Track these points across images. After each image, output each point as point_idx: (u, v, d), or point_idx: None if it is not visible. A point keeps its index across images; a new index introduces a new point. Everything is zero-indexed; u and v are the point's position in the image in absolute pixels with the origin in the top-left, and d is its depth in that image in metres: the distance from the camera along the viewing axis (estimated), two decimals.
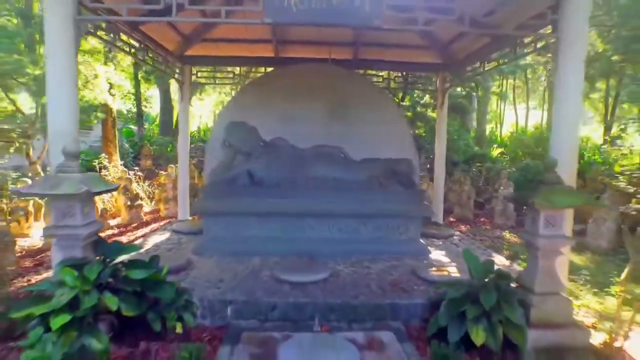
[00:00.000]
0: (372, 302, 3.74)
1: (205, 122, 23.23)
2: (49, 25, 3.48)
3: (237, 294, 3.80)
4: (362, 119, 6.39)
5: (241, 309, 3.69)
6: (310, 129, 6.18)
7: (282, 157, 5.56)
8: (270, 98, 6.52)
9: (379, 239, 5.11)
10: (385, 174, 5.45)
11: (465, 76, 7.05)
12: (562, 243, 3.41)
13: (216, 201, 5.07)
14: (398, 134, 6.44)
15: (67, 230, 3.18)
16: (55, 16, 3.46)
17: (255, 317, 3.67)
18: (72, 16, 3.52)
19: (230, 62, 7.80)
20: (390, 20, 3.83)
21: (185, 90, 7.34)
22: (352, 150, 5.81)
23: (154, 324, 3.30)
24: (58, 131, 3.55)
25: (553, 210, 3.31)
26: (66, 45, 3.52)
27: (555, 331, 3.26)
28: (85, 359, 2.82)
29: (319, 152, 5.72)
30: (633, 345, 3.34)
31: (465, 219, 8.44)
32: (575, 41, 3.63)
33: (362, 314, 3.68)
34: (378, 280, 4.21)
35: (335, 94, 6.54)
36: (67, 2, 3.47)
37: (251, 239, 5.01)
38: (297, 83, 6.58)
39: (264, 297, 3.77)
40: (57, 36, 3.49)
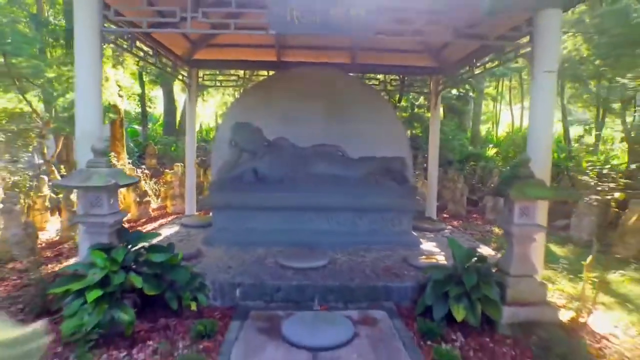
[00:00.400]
0: (367, 284, 4.16)
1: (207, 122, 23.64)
2: (78, 36, 3.90)
3: (244, 278, 4.22)
4: (359, 119, 6.80)
5: (248, 291, 4.10)
6: (311, 129, 6.59)
7: (284, 156, 5.98)
8: (272, 100, 6.93)
9: (374, 231, 5.53)
10: (381, 171, 5.87)
11: (457, 79, 7.46)
12: (535, 231, 3.82)
13: (224, 196, 5.49)
14: (393, 133, 6.85)
15: (95, 218, 3.60)
16: (83, 28, 3.87)
17: (261, 298, 4.08)
18: (98, 28, 3.94)
19: (235, 65, 8.21)
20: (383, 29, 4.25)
21: (192, 92, 7.76)
22: (350, 149, 6.23)
23: (172, 303, 3.72)
24: (85, 132, 3.97)
25: (526, 201, 3.73)
26: (92, 53, 3.94)
27: (527, 308, 3.68)
28: (115, 329, 3.25)
29: (318, 150, 6.14)
30: (596, 321, 3.76)
31: (458, 215, 8.86)
32: (548, 50, 4.05)
33: (358, 296, 4.10)
34: (372, 267, 4.63)
35: (334, 96, 6.95)
36: (93, 16, 3.88)
37: (256, 230, 5.43)
38: (298, 86, 6.99)
39: (269, 280, 4.18)
40: (84, 46, 3.91)
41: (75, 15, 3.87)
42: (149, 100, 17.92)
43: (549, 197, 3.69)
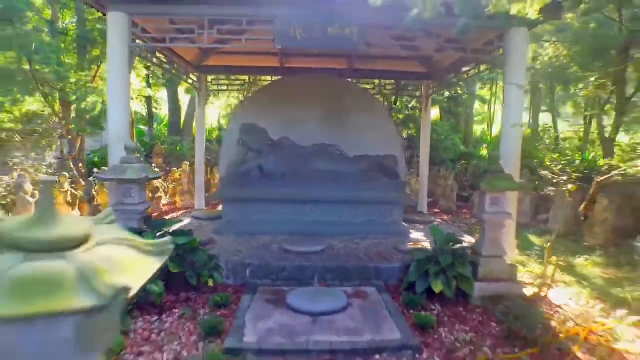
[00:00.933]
0: (360, 265, 4.79)
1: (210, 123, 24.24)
2: (110, 51, 4.53)
3: (253, 260, 4.85)
4: (355, 121, 7.42)
5: (257, 271, 4.73)
6: (311, 130, 7.20)
7: (287, 154, 6.61)
8: (276, 103, 7.54)
9: (368, 222, 6.15)
10: (374, 168, 6.50)
11: (446, 84, 8.08)
12: (504, 218, 4.45)
13: (233, 190, 6.12)
14: (386, 134, 7.46)
15: (128, 207, 4.23)
16: (115, 44, 4.50)
17: (268, 277, 4.71)
18: (128, 44, 4.56)
19: (241, 71, 8.84)
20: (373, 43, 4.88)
21: (202, 96, 8.39)
22: (346, 148, 6.86)
23: (192, 280, 4.35)
24: (116, 134, 4.60)
25: (496, 192, 4.36)
26: (122, 66, 4.57)
27: (497, 284, 4.30)
28: (147, 299, 3.88)
29: (318, 149, 6.77)
30: (555, 295, 4.39)
31: (449, 210, 9.48)
32: (516, 62, 4.67)
33: (352, 275, 4.72)
34: (365, 252, 5.26)
35: (332, 99, 7.56)
36: (124, 34, 4.51)
37: (262, 221, 6.06)
38: (299, 90, 7.59)
39: (275, 262, 4.81)
40: (116, 60, 4.54)
41: (108, 34, 4.50)
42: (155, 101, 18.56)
43: (514, 188, 4.32)
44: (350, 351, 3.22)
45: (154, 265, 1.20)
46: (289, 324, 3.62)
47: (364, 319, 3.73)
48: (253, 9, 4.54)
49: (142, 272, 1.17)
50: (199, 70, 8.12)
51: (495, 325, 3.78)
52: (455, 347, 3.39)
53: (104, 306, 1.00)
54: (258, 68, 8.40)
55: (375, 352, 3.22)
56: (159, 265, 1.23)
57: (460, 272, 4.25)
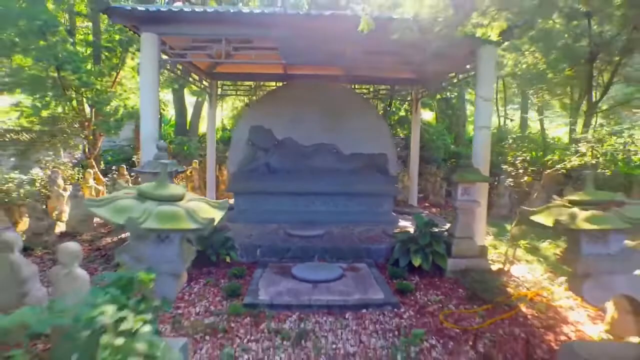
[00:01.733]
0: (353, 246, 5.66)
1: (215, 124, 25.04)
2: (142, 65, 5.40)
3: (262, 242, 5.72)
4: (351, 123, 8.28)
5: (266, 251, 5.59)
6: (311, 131, 8.06)
7: (290, 152, 7.48)
8: (280, 107, 8.39)
9: (362, 212, 7.02)
10: (367, 164, 7.37)
11: (433, 89, 8.94)
12: (474, 206, 5.29)
13: (243, 184, 6.98)
14: (378, 134, 8.31)
15: None
16: (147, 59, 5.36)
17: (276, 256, 5.57)
18: (157, 58, 5.43)
19: (248, 77, 9.68)
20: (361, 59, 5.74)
21: (213, 99, 9.26)
22: (343, 146, 7.72)
23: (212, 257, 5.22)
24: (147, 135, 5.46)
25: (466, 183, 5.22)
26: (153, 77, 5.43)
27: (467, 260, 5.16)
28: None
29: (317, 148, 7.63)
30: (516, 270, 5.26)
31: (437, 204, 10.34)
32: (486, 74, 5.53)
33: (346, 254, 5.58)
34: (358, 236, 6.12)
35: (330, 103, 8.41)
36: (154, 51, 5.37)
37: (269, 211, 6.92)
38: (301, 95, 8.45)
39: (281, 244, 5.68)
40: (147, 71, 5.40)
41: (141, 50, 5.37)
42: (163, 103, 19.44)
43: (480, 180, 5.18)
44: (342, 306, 4.09)
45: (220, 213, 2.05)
46: (294, 288, 4.49)
47: (355, 285, 4.60)
48: (263, 30, 5.41)
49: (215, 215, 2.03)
50: (210, 76, 8.98)
51: (462, 291, 4.63)
52: (427, 304, 4.26)
53: (200, 229, 1.86)
54: (263, 74, 9.26)
55: (362, 307, 4.09)
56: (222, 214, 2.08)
57: (436, 250, 5.12)
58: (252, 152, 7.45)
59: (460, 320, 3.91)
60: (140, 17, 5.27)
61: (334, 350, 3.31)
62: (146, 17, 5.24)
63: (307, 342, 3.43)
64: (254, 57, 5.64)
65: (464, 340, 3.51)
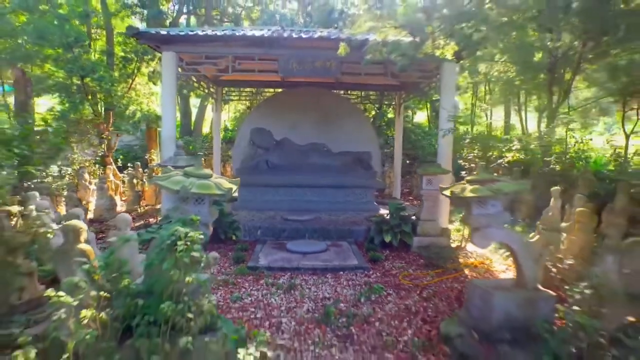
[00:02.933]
0: (338, 228, 6.81)
1: None
2: (164, 78, 6.56)
3: (262, 224, 6.88)
4: (340, 124, 9.43)
5: (265, 231, 6.75)
6: (306, 132, 9.21)
7: (287, 151, 8.64)
8: (279, 111, 9.56)
9: (348, 201, 8.17)
10: (353, 161, 8.53)
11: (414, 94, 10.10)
12: (436, 194, 6.44)
13: (246, 178, 8.10)
14: (363, 134, 9.47)
15: None
16: (167, 73, 6.52)
17: (273, 235, 6.73)
18: (175, 72, 6.59)
19: (249, 84, 10.85)
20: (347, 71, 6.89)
21: (218, 104, 10.42)
22: (333, 145, 8.87)
23: (221, 235, 6.38)
24: (167, 136, 6.63)
25: (429, 175, 6.37)
26: (171, 88, 6.59)
27: (430, 238, 6.31)
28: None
29: (311, 147, 8.78)
30: (471, 247, 6.41)
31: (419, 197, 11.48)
32: (448, 86, 6.69)
33: (332, 234, 6.74)
34: (343, 221, 7.28)
35: (322, 108, 9.57)
36: (173, 66, 6.53)
37: (268, 201, 8.07)
38: (297, 100, 9.61)
39: (278, 226, 6.84)
40: (167, 84, 6.56)
41: (162, 66, 6.54)
42: None
43: (440, 173, 6.34)
44: (324, 269, 5.25)
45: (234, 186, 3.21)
46: (287, 257, 5.66)
47: (336, 256, 5.76)
48: (264, 49, 6.57)
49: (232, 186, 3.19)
50: (216, 83, 10.14)
51: (422, 261, 5.78)
52: (391, 269, 5.41)
53: (223, 194, 3.02)
54: (263, 82, 10.42)
55: (340, 270, 5.25)
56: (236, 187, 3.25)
57: (404, 230, 6.28)
58: (254, 150, 8.62)
59: (415, 279, 5.07)
60: (163, 39, 6.44)
61: (315, 296, 4.48)
62: (167, 39, 6.41)
63: (295, 291, 4.59)
64: (256, 70, 6.77)
65: (414, 291, 4.67)
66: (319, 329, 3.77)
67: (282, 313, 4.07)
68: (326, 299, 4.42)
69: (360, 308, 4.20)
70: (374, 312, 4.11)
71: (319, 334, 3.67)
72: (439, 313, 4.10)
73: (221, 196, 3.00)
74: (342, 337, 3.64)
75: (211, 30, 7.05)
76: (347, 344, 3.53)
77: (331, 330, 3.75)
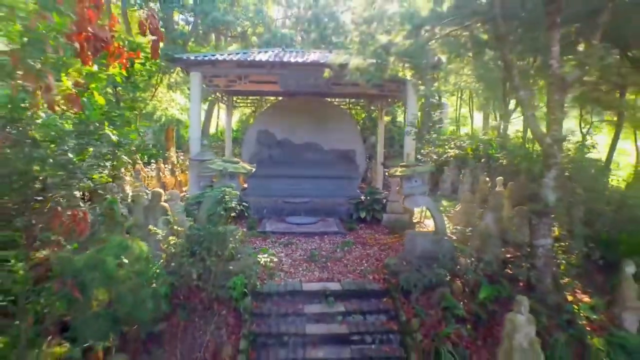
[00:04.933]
0: (326, 208, 8.79)
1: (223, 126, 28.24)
2: (192, 92, 8.54)
3: (267, 205, 8.86)
4: (331, 127, 11.37)
5: (269, 211, 8.73)
6: (302, 133, 11.16)
7: (287, 148, 10.61)
8: (280, 115, 11.50)
9: (335, 188, 10.11)
10: (340, 157, 10.50)
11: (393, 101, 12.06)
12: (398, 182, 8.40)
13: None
14: (349, 135, 11.40)
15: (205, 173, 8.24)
16: (195, 89, 8.50)
17: (276, 214, 8.70)
18: (201, 87, 8.57)
19: (256, 93, 12.81)
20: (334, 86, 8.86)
21: (229, 109, 12.40)
22: (324, 144, 10.84)
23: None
24: (194, 137, 8.60)
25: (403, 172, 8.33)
26: (197, 100, 8.57)
27: (396, 215, 8.25)
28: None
29: (306, 145, 10.75)
30: (427, 222, 8.37)
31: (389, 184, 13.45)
32: (411, 100, 8.64)
33: (321, 213, 8.71)
34: (331, 203, 9.24)
35: (316, 113, 11.50)
36: (199, 83, 8.50)
37: (272, 188, 10.01)
38: (295, 107, 11.54)
39: (280, 206, 8.82)
40: (194, 98, 8.53)
41: (191, 83, 8.51)
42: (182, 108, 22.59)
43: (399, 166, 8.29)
44: (312, 233, 7.23)
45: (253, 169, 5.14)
46: (287, 226, 7.65)
47: (323, 226, 7.75)
48: (268, 70, 8.54)
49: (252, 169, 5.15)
50: (228, 93, 12.12)
51: (387, 230, 7.74)
52: (363, 235, 7.39)
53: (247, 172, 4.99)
54: (266, 91, 12.38)
55: (324, 234, 7.23)
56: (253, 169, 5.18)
57: (375, 208, 8.25)
58: (259, 148, 10.60)
59: (378, 240, 7.04)
60: (191, 63, 8.41)
61: (305, 247, 6.46)
62: (195, 62, 8.39)
63: (291, 245, 6.57)
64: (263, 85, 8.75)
65: (375, 246, 6.65)
66: (306, 264, 5.76)
67: (282, 256, 6.05)
68: (313, 249, 6.40)
69: (336, 254, 6.18)
70: (344, 256, 6.10)
71: (307, 266, 5.66)
72: (387, 256, 6.08)
73: (246, 174, 4.92)
74: (321, 267, 5.63)
75: (227, 54, 9.03)
76: (324, 270, 5.52)
77: (314, 264, 5.74)
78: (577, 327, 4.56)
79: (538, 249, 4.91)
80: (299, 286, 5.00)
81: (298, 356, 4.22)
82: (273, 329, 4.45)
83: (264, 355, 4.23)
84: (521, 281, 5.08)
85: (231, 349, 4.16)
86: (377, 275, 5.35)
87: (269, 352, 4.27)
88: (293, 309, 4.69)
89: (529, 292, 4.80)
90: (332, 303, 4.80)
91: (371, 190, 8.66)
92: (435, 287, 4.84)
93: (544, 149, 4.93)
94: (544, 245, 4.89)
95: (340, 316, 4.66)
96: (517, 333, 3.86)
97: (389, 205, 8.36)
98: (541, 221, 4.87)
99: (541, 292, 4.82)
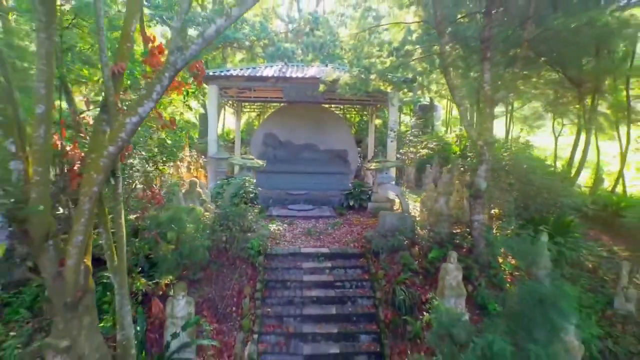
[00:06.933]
0: (322, 199, 10.54)
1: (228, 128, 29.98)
2: (209, 102, 10.30)
3: (272, 196, 10.61)
4: (327, 130, 13.11)
5: (275, 200, 10.49)
6: (302, 135, 12.91)
7: (289, 148, 12.37)
8: (283, 120, 13.25)
9: (330, 182, 11.87)
10: (335, 156, 12.26)
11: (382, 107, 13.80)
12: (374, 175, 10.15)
13: None
14: (342, 137, 13.14)
15: (221, 169, 10.00)
16: (211, 100, 10.26)
17: (280, 203, 10.46)
18: (217, 96, 10.32)
19: (261, 100, 14.56)
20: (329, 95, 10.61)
21: (238, 114, 14.17)
22: (321, 145, 12.59)
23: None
24: (212, 139, 10.35)
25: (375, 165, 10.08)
26: (214, 107, 10.33)
27: (379, 203, 9.98)
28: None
29: (305, 146, 12.51)
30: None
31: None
32: (391, 108, 10.37)
33: (318, 202, 10.46)
34: (326, 195, 11.00)
35: (314, 118, 13.24)
36: (216, 94, 10.25)
37: (276, 182, 11.76)
38: (296, 113, 13.29)
39: (283, 197, 10.58)
40: (211, 106, 10.30)
41: (209, 94, 10.28)
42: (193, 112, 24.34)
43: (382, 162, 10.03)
44: (310, 217, 9.00)
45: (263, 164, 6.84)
46: (289, 212, 9.42)
47: (319, 211, 9.51)
48: (272, 83, 10.29)
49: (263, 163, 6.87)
50: (237, 100, 13.88)
51: (371, 215, 9.48)
52: (350, 218, 9.14)
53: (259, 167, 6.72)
54: (271, 98, 14.15)
55: (319, 218, 8.99)
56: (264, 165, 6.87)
57: (362, 197, 10.01)
58: (265, 148, 12.37)
59: (362, 222, 8.79)
60: (210, 77, 10.17)
61: (304, 227, 8.22)
62: (212, 77, 10.14)
63: (293, 225, 8.33)
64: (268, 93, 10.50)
65: (359, 225, 8.40)
66: (304, 237, 7.52)
67: (286, 232, 7.81)
68: (310, 227, 8.15)
69: (327, 231, 7.94)
70: (334, 232, 7.86)
71: (304, 238, 7.42)
72: (367, 231, 7.83)
73: (259, 168, 6.62)
74: (315, 239, 7.39)
75: (239, 69, 10.80)
76: (318, 241, 7.28)
77: (310, 237, 7.50)
78: (499, 278, 6.30)
79: (474, 223, 6.66)
80: (298, 250, 6.78)
81: (297, 295, 5.99)
82: (279, 277, 6.21)
83: (273, 294, 5.99)
84: (464, 248, 6.82)
85: (250, 289, 5.92)
86: (357, 244, 7.11)
87: (277, 292, 6.03)
88: (294, 265, 6.46)
89: (468, 254, 6.57)
90: (322, 261, 6.57)
91: (359, 183, 10.42)
92: (398, 250, 6.60)
93: (477, 149, 6.68)
94: (479, 220, 6.63)
95: (328, 270, 6.42)
96: (447, 275, 5.60)
97: (373, 196, 10.10)
98: (476, 202, 6.62)
99: (476, 254, 6.57)
